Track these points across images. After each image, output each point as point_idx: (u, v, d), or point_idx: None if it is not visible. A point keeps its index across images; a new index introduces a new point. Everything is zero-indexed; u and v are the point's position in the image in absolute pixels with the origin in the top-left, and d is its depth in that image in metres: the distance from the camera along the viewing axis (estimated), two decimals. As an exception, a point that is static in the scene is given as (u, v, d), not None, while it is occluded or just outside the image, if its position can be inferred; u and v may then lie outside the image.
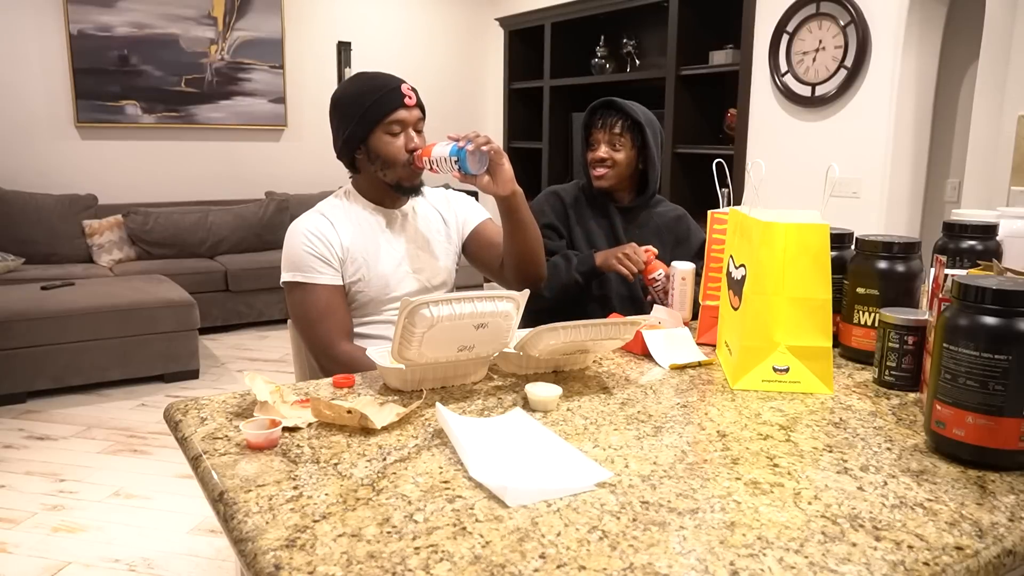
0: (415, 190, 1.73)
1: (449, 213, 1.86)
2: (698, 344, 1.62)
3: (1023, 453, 1.01)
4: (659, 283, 1.86)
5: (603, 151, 2.02)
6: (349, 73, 5.86)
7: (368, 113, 1.63)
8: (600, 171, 2.03)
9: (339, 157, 1.72)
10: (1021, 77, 2.93)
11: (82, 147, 5.06)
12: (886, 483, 0.98)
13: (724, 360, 1.45)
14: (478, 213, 1.90)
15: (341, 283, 1.67)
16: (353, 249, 1.68)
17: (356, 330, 1.70)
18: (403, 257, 1.73)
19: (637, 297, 2.04)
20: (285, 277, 1.67)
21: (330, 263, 1.65)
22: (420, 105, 1.68)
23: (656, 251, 1.90)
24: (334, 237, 1.67)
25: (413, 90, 1.67)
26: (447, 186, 1.84)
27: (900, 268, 1.46)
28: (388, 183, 1.69)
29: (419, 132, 1.69)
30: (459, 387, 1.35)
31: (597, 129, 2.04)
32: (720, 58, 4.19)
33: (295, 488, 0.94)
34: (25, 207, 4.63)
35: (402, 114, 1.63)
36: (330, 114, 1.71)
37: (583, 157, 2.08)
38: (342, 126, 1.67)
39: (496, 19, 5.95)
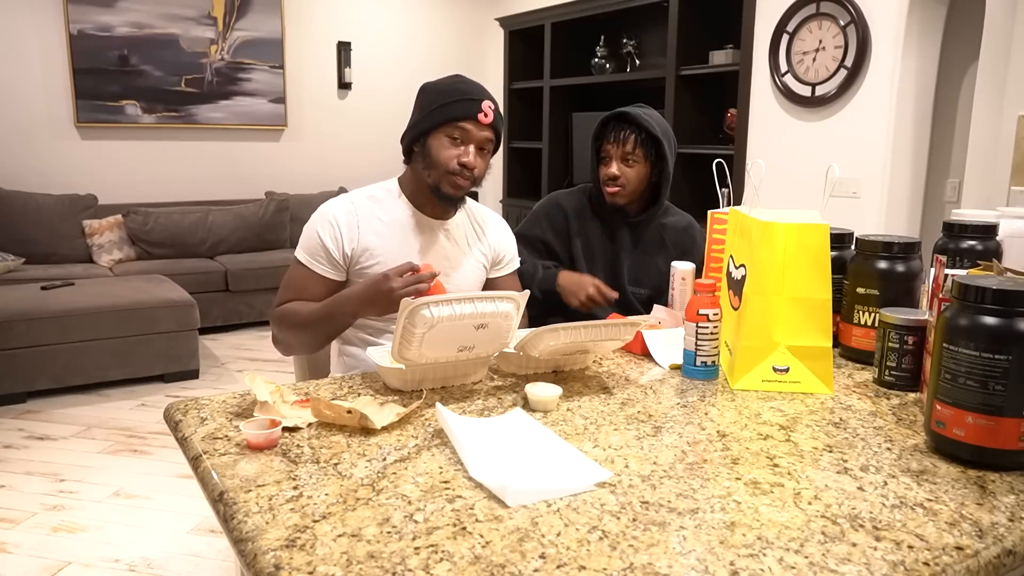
0: (452, 201, 1.68)
1: (492, 237, 1.81)
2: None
3: (1023, 453, 1.01)
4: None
5: (615, 168, 1.91)
6: (349, 73, 5.86)
7: (439, 111, 1.61)
8: (612, 189, 1.93)
9: (401, 141, 1.71)
10: (1021, 77, 2.93)
11: (82, 147, 5.06)
12: (886, 483, 0.98)
13: (724, 360, 1.45)
14: (514, 261, 1.87)
15: (337, 278, 1.66)
16: (375, 249, 1.65)
17: (358, 332, 1.69)
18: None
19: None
20: (296, 251, 1.69)
21: (334, 258, 1.64)
22: (495, 127, 1.63)
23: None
24: (352, 232, 1.64)
25: (496, 111, 1.63)
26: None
27: (900, 268, 1.46)
28: (430, 184, 1.65)
29: (483, 151, 1.65)
30: (459, 387, 1.35)
31: (609, 143, 1.93)
32: (720, 58, 4.19)
33: (295, 488, 0.94)
34: (25, 207, 4.62)
35: (469, 126, 1.60)
36: (416, 98, 1.71)
37: (594, 170, 1.98)
38: (416, 113, 1.67)
39: (496, 19, 5.95)
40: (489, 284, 1.83)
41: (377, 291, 1.46)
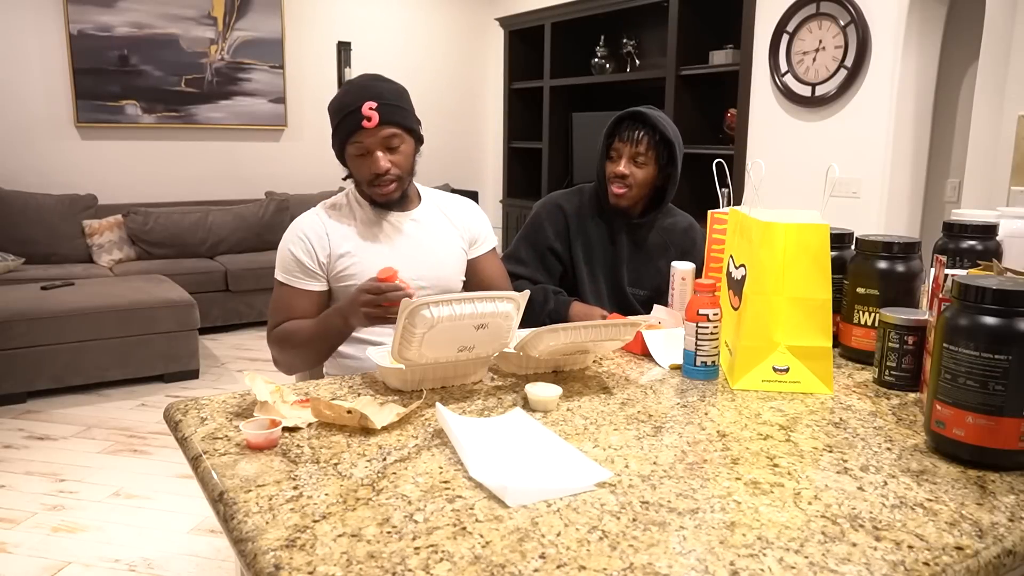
0: (389, 206, 1.70)
1: (460, 220, 1.82)
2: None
3: (1023, 453, 1.01)
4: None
5: (624, 166, 1.90)
6: (349, 73, 5.86)
7: (335, 133, 1.65)
8: (619, 188, 1.92)
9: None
10: (1021, 77, 2.93)
11: (82, 147, 5.06)
12: (886, 483, 0.98)
13: (724, 360, 1.45)
14: (489, 238, 1.87)
15: (319, 288, 1.68)
16: (349, 253, 1.67)
17: (357, 333, 1.69)
18: (405, 263, 1.70)
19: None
20: (275, 273, 1.71)
21: (311, 270, 1.67)
22: (390, 120, 1.60)
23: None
24: (322, 241, 1.67)
25: (381, 107, 1.58)
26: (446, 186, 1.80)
27: (900, 268, 1.46)
28: (367, 195, 1.70)
29: (393, 149, 1.63)
30: (459, 387, 1.35)
31: (621, 141, 1.91)
32: (720, 58, 4.19)
33: (295, 488, 0.94)
34: (25, 207, 4.62)
35: (362, 137, 1.60)
36: None
37: (601, 167, 1.97)
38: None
39: (496, 19, 5.95)
40: (471, 265, 1.84)
41: (352, 303, 1.49)
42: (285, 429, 1.12)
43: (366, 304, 1.45)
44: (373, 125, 1.59)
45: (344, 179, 1.75)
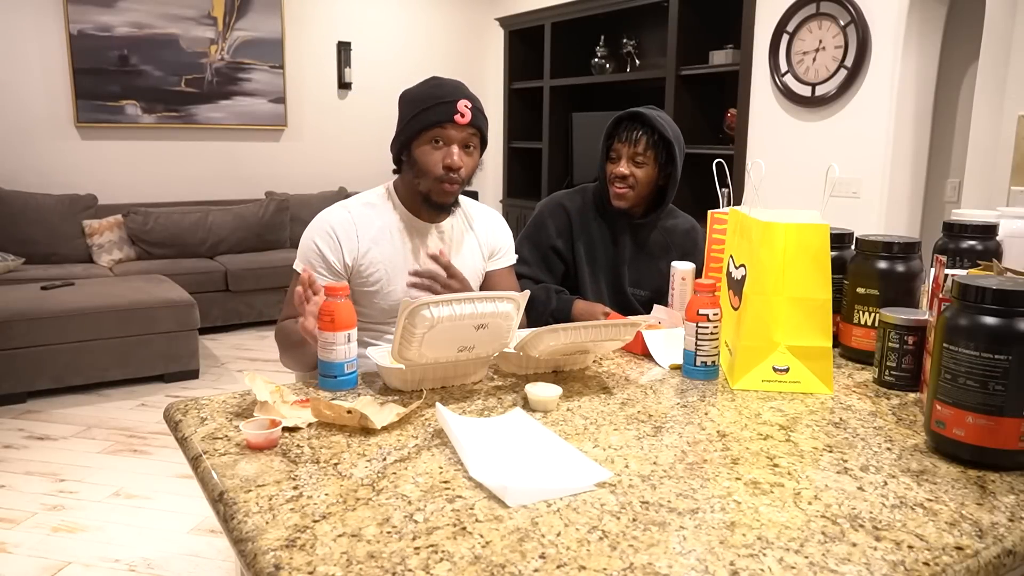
0: (444, 208, 1.69)
1: (483, 233, 1.81)
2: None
3: (1023, 453, 1.01)
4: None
5: (624, 167, 1.91)
6: (349, 73, 5.87)
7: (417, 119, 1.61)
8: (620, 189, 1.92)
9: (391, 151, 1.71)
10: (1021, 77, 2.93)
11: (82, 147, 5.06)
12: (886, 483, 0.98)
13: (724, 360, 1.45)
14: (509, 254, 1.87)
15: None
16: (375, 256, 1.65)
17: (371, 340, 1.68)
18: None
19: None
20: (295, 263, 1.69)
21: (333, 267, 1.65)
22: (476, 124, 1.62)
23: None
24: (350, 242, 1.65)
25: (473, 109, 1.61)
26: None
27: (900, 268, 1.46)
28: (421, 192, 1.66)
29: (468, 149, 1.64)
30: (459, 387, 1.35)
31: (620, 142, 1.92)
32: (720, 58, 4.19)
33: (295, 488, 0.94)
34: (25, 207, 4.62)
35: (448, 129, 1.60)
36: (397, 107, 1.71)
37: (602, 168, 1.97)
38: (398, 124, 1.67)
39: (496, 19, 5.95)
40: (487, 277, 1.83)
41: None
42: (285, 429, 1.12)
43: (304, 313, 1.41)
44: (465, 122, 1.60)
45: (395, 171, 1.72)
